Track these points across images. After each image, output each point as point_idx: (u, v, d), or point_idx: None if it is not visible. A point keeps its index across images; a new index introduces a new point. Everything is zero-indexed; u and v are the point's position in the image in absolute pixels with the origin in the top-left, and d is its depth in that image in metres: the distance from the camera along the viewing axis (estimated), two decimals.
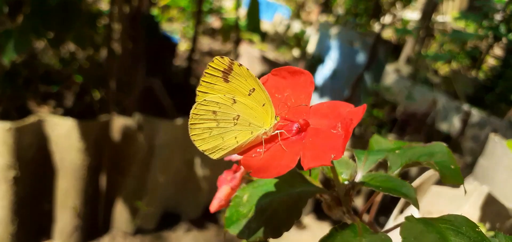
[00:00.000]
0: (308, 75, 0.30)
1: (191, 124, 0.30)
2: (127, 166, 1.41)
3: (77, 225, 1.37)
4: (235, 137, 0.30)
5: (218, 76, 0.29)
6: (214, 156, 0.30)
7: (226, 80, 0.29)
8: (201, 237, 1.60)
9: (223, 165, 0.48)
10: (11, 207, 1.18)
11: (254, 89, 0.30)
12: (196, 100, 0.30)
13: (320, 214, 1.89)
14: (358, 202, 1.77)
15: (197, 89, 0.29)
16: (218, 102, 0.29)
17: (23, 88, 1.52)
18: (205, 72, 0.29)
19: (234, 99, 0.30)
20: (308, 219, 1.86)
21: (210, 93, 0.30)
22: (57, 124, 1.24)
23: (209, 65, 0.29)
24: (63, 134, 1.25)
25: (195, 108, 0.29)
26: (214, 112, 0.30)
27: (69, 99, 1.75)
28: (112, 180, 1.43)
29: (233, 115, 0.30)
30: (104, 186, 1.42)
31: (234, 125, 0.30)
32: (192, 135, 0.30)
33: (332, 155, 0.24)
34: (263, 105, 0.30)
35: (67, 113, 1.59)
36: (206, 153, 0.30)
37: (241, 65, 0.29)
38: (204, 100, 0.29)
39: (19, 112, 1.42)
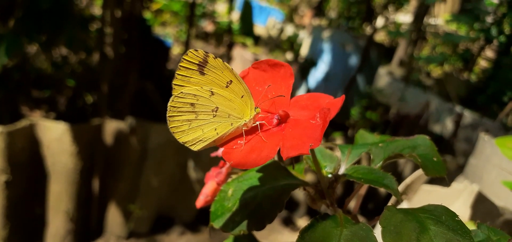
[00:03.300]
0: (287, 67, 0.31)
1: (169, 116, 0.30)
2: (120, 170, 1.41)
3: (70, 229, 1.36)
4: (215, 129, 0.30)
5: (194, 69, 0.29)
6: (195, 148, 0.31)
7: (202, 73, 0.29)
8: (194, 240, 1.59)
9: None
10: (3, 211, 1.18)
11: (231, 81, 0.30)
12: (173, 93, 0.30)
13: (314, 216, 1.89)
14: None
15: (173, 82, 0.30)
16: (195, 95, 0.30)
17: (15, 92, 1.52)
18: (180, 65, 0.29)
19: (212, 91, 0.30)
20: (302, 222, 1.86)
21: (186, 86, 0.30)
22: (49, 128, 1.24)
23: (183, 58, 0.29)
24: (55, 138, 1.24)
25: (172, 100, 0.30)
26: (192, 104, 0.30)
27: (61, 103, 1.75)
28: (105, 184, 1.42)
29: (212, 107, 0.30)
30: (97, 190, 1.41)
31: (213, 116, 0.30)
32: (171, 127, 0.30)
33: (310, 144, 0.24)
34: (242, 97, 0.30)
35: (60, 117, 1.59)
36: (186, 144, 0.30)
37: (216, 57, 0.29)
38: (181, 92, 0.30)
39: (12, 116, 1.41)
